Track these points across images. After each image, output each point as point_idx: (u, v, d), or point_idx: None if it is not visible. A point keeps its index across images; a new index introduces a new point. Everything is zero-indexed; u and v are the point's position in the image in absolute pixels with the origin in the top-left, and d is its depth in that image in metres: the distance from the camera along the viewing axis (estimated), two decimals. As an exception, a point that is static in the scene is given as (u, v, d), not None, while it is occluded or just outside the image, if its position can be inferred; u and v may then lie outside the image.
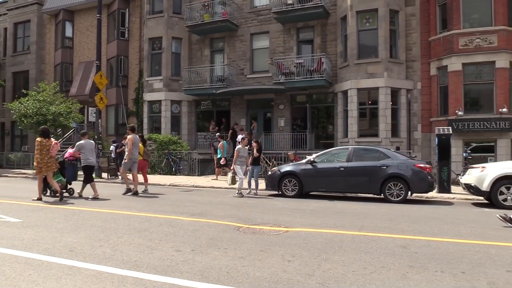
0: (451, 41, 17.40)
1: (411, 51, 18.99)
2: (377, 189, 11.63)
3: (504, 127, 16.33)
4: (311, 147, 20.22)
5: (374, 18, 18.58)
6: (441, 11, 18.36)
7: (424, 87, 18.69)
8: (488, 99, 17.05)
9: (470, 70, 17.27)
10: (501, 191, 10.45)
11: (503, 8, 16.79)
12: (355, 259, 5.25)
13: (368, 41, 18.76)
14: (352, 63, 18.76)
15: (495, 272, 4.78)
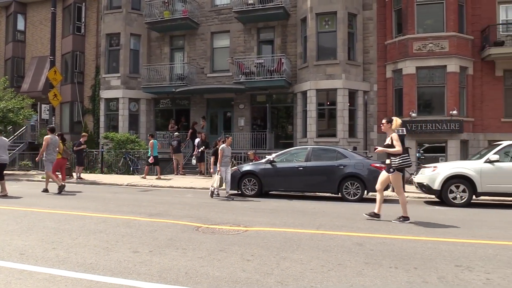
0: (406, 45, 18.03)
1: (368, 54, 19.52)
2: (334, 188, 11.87)
3: (454, 129, 17.09)
4: (270, 146, 20.37)
5: (333, 20, 18.95)
6: (396, 16, 18.98)
7: (380, 89, 19.27)
8: (439, 102, 17.79)
9: (423, 73, 17.96)
10: (451, 190, 10.94)
11: (454, 15, 17.56)
12: (313, 257, 5.34)
13: (327, 43, 19.12)
14: (311, 64, 19.05)
15: (445, 267, 4.99)
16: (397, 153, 7.97)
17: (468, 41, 18.05)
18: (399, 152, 7.95)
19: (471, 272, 4.79)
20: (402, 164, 8.02)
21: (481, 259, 5.37)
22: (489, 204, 11.51)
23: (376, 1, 19.52)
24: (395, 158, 8.04)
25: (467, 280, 4.51)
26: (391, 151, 8.05)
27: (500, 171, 10.74)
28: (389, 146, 8.14)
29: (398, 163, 8.01)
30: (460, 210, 10.22)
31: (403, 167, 8.12)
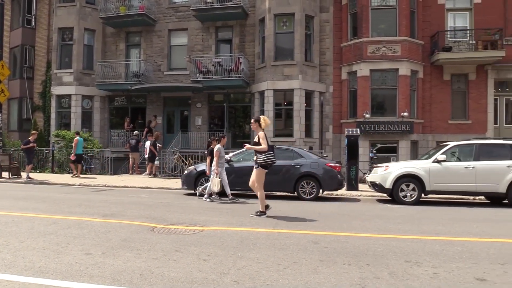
0: (361, 48, 18.54)
1: (324, 55, 19.91)
2: (291, 187, 12.03)
3: (405, 130, 17.76)
4: (228, 146, 20.32)
5: (290, 22, 19.18)
6: (352, 19, 19.48)
7: (336, 90, 19.71)
8: (391, 104, 18.43)
9: (377, 76, 18.54)
10: (402, 188, 11.36)
11: (406, 21, 18.24)
12: (269, 255, 5.39)
13: (285, 44, 19.34)
14: (269, 65, 19.20)
15: (395, 263, 5.18)
16: (262, 150, 8.42)
17: (419, 46, 18.81)
18: (264, 150, 8.41)
19: (419, 267, 5.00)
20: (266, 161, 8.45)
21: (429, 254, 5.62)
22: (437, 202, 12.04)
23: (332, 4, 19.95)
24: (260, 155, 8.46)
25: (416, 274, 4.71)
26: (257, 149, 8.48)
27: (447, 171, 11.28)
28: (257, 144, 8.54)
29: (262, 159, 8.45)
30: (410, 208, 10.63)
31: (267, 163, 8.52)
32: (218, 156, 11.22)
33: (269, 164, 8.55)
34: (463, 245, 6.28)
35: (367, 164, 17.29)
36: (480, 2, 18.96)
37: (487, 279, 4.61)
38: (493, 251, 5.88)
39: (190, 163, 17.75)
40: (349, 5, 19.48)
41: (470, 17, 19.22)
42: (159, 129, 21.45)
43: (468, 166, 11.21)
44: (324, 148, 19.53)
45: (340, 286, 4.27)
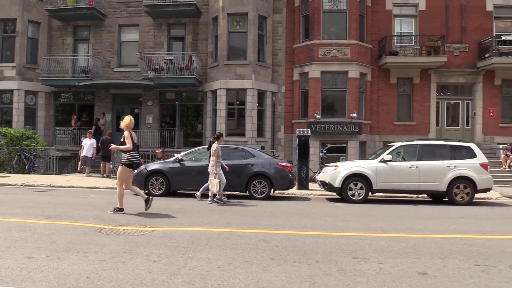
0: (312, 50, 18.90)
1: (277, 56, 20.12)
2: (243, 187, 12.07)
3: (354, 130, 18.31)
4: (179, 145, 20.10)
5: (244, 21, 19.23)
6: (304, 21, 19.82)
7: (288, 90, 19.98)
8: (341, 105, 18.93)
9: (328, 77, 18.97)
10: (350, 187, 11.70)
11: (355, 24, 18.80)
12: (220, 255, 5.38)
13: (238, 44, 19.36)
14: (222, 64, 19.15)
15: (343, 259, 5.33)
16: (126, 149, 8.63)
17: (367, 49, 19.45)
18: (129, 149, 8.63)
19: (366, 263, 5.17)
20: (130, 160, 8.68)
21: (375, 251, 5.82)
22: (383, 200, 12.50)
23: (285, 6, 20.19)
24: (125, 154, 8.68)
25: (363, 270, 4.87)
26: (121, 148, 8.69)
27: (392, 170, 11.74)
28: (122, 143, 8.76)
29: (126, 158, 8.67)
30: (358, 206, 10.97)
31: (131, 163, 8.73)
32: (216, 156, 10.93)
33: (134, 163, 8.71)
34: (407, 241, 6.56)
35: (317, 164, 17.65)
36: (425, 9, 19.89)
37: (428, 273, 4.85)
38: (434, 246, 6.19)
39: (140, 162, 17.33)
40: (302, 7, 19.81)
41: (416, 24, 20.12)
42: (108, 127, 20.83)
43: (412, 166, 11.73)
44: (276, 148, 19.74)
45: (290, 284, 4.33)
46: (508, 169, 17.68)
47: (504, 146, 18.50)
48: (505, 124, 19.86)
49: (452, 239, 6.84)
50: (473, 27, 19.84)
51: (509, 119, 20.06)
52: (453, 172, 11.61)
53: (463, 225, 8.31)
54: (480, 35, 19.76)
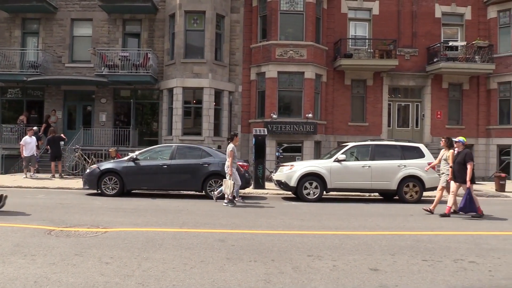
0: (269, 50, 19.04)
1: (234, 55, 20.11)
2: (199, 186, 11.98)
3: (309, 130, 18.62)
4: (134, 144, 19.66)
5: (201, 20, 19.07)
6: (262, 22, 19.92)
7: (245, 90, 20.03)
8: (297, 105, 19.20)
9: (284, 78, 19.18)
10: (305, 186, 11.89)
11: (312, 26, 19.11)
12: (176, 255, 5.32)
13: (195, 42, 19.17)
14: (178, 62, 18.91)
15: (298, 257, 5.42)
16: None
17: (323, 51, 19.83)
18: None
19: (320, 261, 5.28)
20: None
21: (329, 248, 5.96)
22: (337, 199, 12.78)
23: (243, 6, 20.21)
24: None
25: (317, 268, 4.97)
26: None
27: (346, 169, 12.04)
28: None
29: None
30: (313, 205, 11.16)
31: None
32: (233, 157, 10.72)
33: None
34: (359, 238, 6.76)
35: (273, 163, 17.79)
36: (378, 14, 20.54)
37: (379, 268, 5.02)
38: (385, 243, 6.41)
39: (93, 161, 16.83)
40: (259, 7, 19.90)
41: (369, 28, 20.74)
42: (59, 124, 20.05)
43: (365, 165, 12.08)
44: (233, 147, 19.68)
45: (246, 283, 4.35)
46: (454, 169, 18.54)
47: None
48: (451, 125, 20.87)
49: (401, 235, 7.11)
50: (423, 32, 20.70)
51: (455, 121, 21.11)
52: (403, 171, 12.06)
53: (412, 222, 8.66)
54: (429, 41, 20.64)
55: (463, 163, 9.32)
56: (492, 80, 20.71)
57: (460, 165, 9.38)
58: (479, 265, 5.30)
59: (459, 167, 9.40)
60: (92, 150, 17.90)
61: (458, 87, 21.12)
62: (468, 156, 9.34)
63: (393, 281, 4.56)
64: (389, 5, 20.63)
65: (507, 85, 20.43)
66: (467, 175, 9.19)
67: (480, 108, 20.97)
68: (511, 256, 5.78)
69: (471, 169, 9.20)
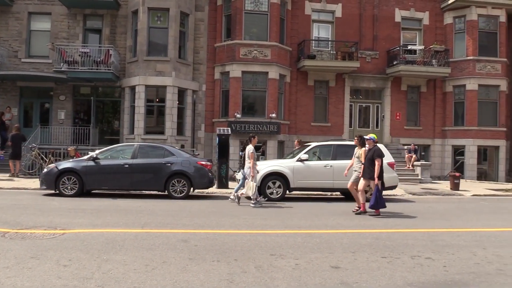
0: (234, 49, 19.03)
1: (198, 54, 19.96)
2: (161, 186, 11.82)
3: (273, 130, 18.75)
4: (94, 142, 19.15)
5: (165, 17, 18.81)
6: (226, 21, 19.88)
7: (209, 89, 19.92)
8: (261, 105, 19.30)
9: (248, 77, 19.22)
10: (269, 186, 11.96)
11: (276, 27, 19.25)
12: (137, 257, 5.23)
13: (159, 39, 18.90)
14: (141, 59, 18.57)
15: (261, 256, 5.45)
16: None
17: (287, 51, 20.01)
18: None
19: (283, 259, 5.33)
20: None
21: (292, 247, 6.03)
22: (300, 198, 12.94)
23: (208, 4, 20.09)
24: None
25: (280, 266, 5.02)
26: None
27: (308, 169, 12.20)
28: None
29: None
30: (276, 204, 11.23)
31: None
32: (254, 158, 10.76)
33: None
34: (321, 237, 6.88)
35: (237, 163, 17.82)
36: (341, 16, 20.95)
37: (340, 266, 5.12)
38: (346, 241, 6.56)
39: (50, 160, 16.24)
40: (224, 6, 19.84)
41: (332, 30, 21.11)
42: (15, 122, 19.24)
43: (327, 165, 12.28)
44: (196, 147, 19.59)
45: (209, 283, 4.34)
46: (412, 168, 19.21)
47: (408, 147, 20.07)
48: (409, 126, 21.58)
49: (362, 233, 7.29)
50: (384, 36, 21.28)
51: (413, 122, 21.83)
52: (364, 171, 12.33)
53: (372, 220, 8.89)
54: (389, 44, 21.25)
55: (372, 160, 9.36)
56: (448, 83, 21.59)
57: (369, 162, 9.43)
58: (435, 261, 5.51)
59: (368, 163, 9.45)
60: (50, 149, 17.28)
61: (416, 89, 21.87)
62: (376, 153, 9.37)
63: (354, 278, 4.67)
64: (352, 8, 21.08)
65: (461, 88, 21.35)
66: (375, 172, 9.25)
67: (436, 110, 21.80)
68: (464, 252, 6.04)
69: (379, 166, 9.23)
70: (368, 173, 9.47)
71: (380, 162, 9.31)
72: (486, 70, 21.07)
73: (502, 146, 21.40)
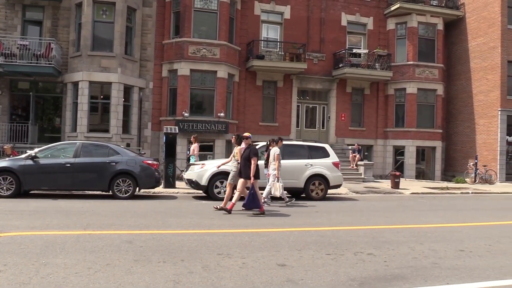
0: (182, 47, 18.78)
1: (145, 50, 19.51)
2: (105, 186, 11.45)
3: (221, 129, 18.72)
4: (33, 140, 18.20)
5: (111, 11, 18.21)
6: (175, 18, 19.56)
7: (156, 87, 19.53)
8: (209, 104, 19.20)
9: (197, 76, 19.05)
10: (216, 185, 11.93)
11: (225, 26, 19.21)
12: (79, 260, 5.05)
13: (104, 34, 18.27)
14: (85, 54, 17.87)
15: (208, 256, 5.44)
16: None
17: (236, 51, 20.03)
18: None
19: (230, 259, 5.35)
20: None
21: (239, 246, 6.06)
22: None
23: (156, 0, 19.69)
24: None
25: (227, 266, 5.03)
26: None
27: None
28: None
29: None
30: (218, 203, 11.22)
31: None
32: (279, 160, 10.92)
33: None
34: (268, 235, 6.96)
35: (184, 162, 17.61)
36: (290, 18, 21.28)
37: (286, 264, 5.21)
38: (292, 239, 6.68)
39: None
40: (173, 3, 19.51)
41: (281, 31, 21.40)
42: None
43: (274, 165, 12.41)
44: (142, 145, 19.15)
45: (155, 285, 4.27)
46: (355, 168, 19.89)
47: (352, 147, 20.76)
48: (353, 127, 22.33)
49: (308, 231, 7.45)
50: (330, 38, 21.86)
51: (357, 123, 22.61)
52: (310, 170, 12.64)
53: (317, 218, 9.12)
54: (335, 47, 21.87)
55: (248, 159, 9.17)
56: (390, 86, 22.56)
57: (246, 161, 9.23)
58: (376, 256, 5.75)
59: (244, 163, 9.23)
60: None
61: (361, 91, 22.66)
62: (252, 152, 9.19)
63: (299, 275, 4.77)
64: (300, 11, 21.47)
65: (402, 91, 22.39)
66: (251, 171, 9.07)
67: (379, 111, 22.71)
68: (403, 248, 6.35)
69: (254, 165, 9.07)
70: (244, 172, 9.25)
71: (256, 161, 9.16)
72: (425, 74, 22.24)
73: (438, 146, 22.68)
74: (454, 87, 24.36)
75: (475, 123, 22.86)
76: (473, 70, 23.11)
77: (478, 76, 22.72)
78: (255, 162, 9.11)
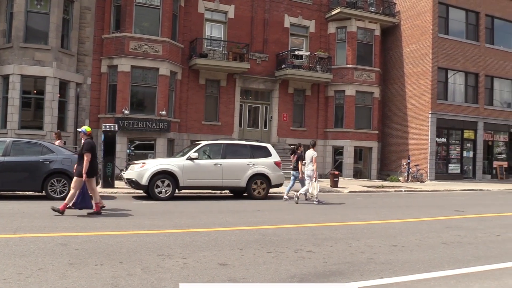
0: (123, 42, 18.21)
1: (83, 44, 18.70)
2: (38, 186, 10.85)
3: (162, 128, 18.37)
4: (-43, 136, 16.89)
5: (47, 1, 17.25)
6: (116, 11, 18.90)
7: (95, 83, 18.79)
8: (151, 102, 18.76)
9: (138, 73, 18.55)
10: (157, 185, 11.69)
11: (168, 23, 18.85)
12: (8, 265, 4.76)
13: (38, 25, 17.30)
14: (17, 46, 16.82)
15: (148, 257, 5.33)
16: None
17: (179, 48, 19.74)
18: None
19: (171, 259, 5.28)
20: None
21: (180, 246, 5.99)
22: (189, 197, 12.90)
23: (95, -8, 18.95)
24: None
25: (168, 267, 4.96)
26: None
27: (198, 167, 12.20)
28: None
29: None
30: (164, 203, 11.06)
31: None
32: (316, 162, 12.31)
33: None
34: (210, 235, 6.95)
35: (124, 161, 17.12)
36: (234, 18, 21.30)
37: (228, 263, 5.23)
38: (234, 238, 6.71)
39: None
40: (113, -4, 18.88)
41: (225, 30, 21.37)
42: None
43: (216, 164, 12.40)
44: (79, 143, 18.33)
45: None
46: (296, 167, 20.28)
47: (293, 146, 21.14)
48: (295, 127, 22.78)
49: (249, 230, 7.52)
50: (273, 40, 22.15)
51: (299, 123, 23.09)
52: (252, 169, 12.75)
53: (259, 217, 9.22)
54: (278, 48, 22.19)
55: (82, 155, 8.42)
56: (330, 88, 23.26)
57: (80, 157, 8.51)
58: (315, 253, 5.91)
59: (79, 159, 8.50)
60: None
61: (302, 92, 23.16)
62: (85, 147, 8.44)
63: (241, 274, 4.80)
64: (244, 11, 21.56)
65: (341, 93, 23.17)
66: (84, 168, 8.30)
67: (319, 112, 23.34)
68: (341, 244, 6.58)
69: (87, 161, 8.31)
70: (78, 169, 8.46)
71: (89, 157, 8.38)
72: (363, 78, 23.15)
73: (374, 147, 23.72)
74: (390, 90, 25.59)
75: (408, 125, 24.17)
76: (406, 75, 24.42)
77: (411, 81, 24.04)
78: (88, 158, 8.33)
